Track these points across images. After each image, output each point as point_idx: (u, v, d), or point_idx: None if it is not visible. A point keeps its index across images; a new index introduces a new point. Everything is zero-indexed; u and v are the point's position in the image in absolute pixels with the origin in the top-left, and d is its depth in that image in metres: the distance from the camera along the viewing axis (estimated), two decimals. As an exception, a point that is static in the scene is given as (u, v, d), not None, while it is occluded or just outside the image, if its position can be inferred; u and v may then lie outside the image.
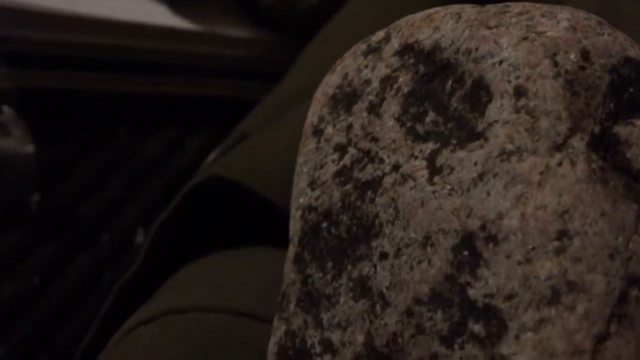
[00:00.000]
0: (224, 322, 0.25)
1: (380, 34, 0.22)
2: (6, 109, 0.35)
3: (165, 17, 0.47)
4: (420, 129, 0.19)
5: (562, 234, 0.15)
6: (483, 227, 0.16)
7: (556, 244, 0.15)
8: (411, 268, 0.17)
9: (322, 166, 0.22)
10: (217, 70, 0.51)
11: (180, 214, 0.28)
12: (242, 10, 0.52)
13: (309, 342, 0.20)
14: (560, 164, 0.16)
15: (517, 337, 0.15)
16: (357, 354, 0.18)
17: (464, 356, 0.16)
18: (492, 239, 0.16)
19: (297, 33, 0.51)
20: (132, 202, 0.41)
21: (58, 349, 0.33)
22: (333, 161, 0.21)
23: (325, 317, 0.20)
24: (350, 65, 0.22)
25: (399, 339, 0.17)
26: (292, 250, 0.22)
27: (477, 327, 0.16)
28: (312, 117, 0.23)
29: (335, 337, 0.19)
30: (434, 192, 0.17)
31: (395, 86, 0.20)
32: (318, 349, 0.20)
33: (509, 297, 0.15)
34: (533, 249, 0.15)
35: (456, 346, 0.16)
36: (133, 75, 0.45)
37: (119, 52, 0.44)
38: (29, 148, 0.36)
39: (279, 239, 0.25)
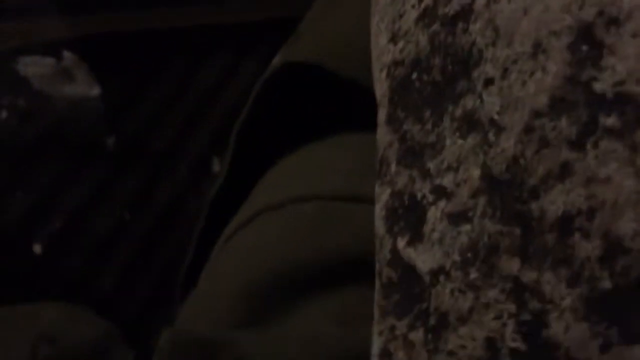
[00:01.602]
0: (320, 209, 0.25)
1: None
2: (67, 54, 0.35)
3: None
4: (507, -62, 0.17)
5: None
6: (601, 13, 0.15)
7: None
8: (523, 83, 0.16)
9: (401, 16, 0.20)
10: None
11: (257, 112, 0.27)
12: None
13: (419, 195, 0.19)
14: None
15: (660, 117, 0.14)
16: (475, 189, 0.17)
17: (600, 154, 0.14)
18: (614, 21, 0.14)
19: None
20: (201, 130, 0.41)
21: (156, 272, 0.34)
22: (413, 6, 0.20)
23: (432, 165, 0.19)
24: None
25: (521, 160, 0.16)
26: (382, 112, 0.21)
27: (610, 120, 0.14)
28: (381, -28, 0.22)
29: (447, 180, 0.18)
30: (536, -5, 0.16)
31: None
32: (430, 198, 0.19)
33: (645, 77, 0.14)
34: (665, 18, 0.14)
35: (589, 146, 0.15)
36: (177, 9, 0.45)
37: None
38: (96, 90, 0.36)
39: (365, 121, 0.24)
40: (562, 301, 0.15)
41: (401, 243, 0.20)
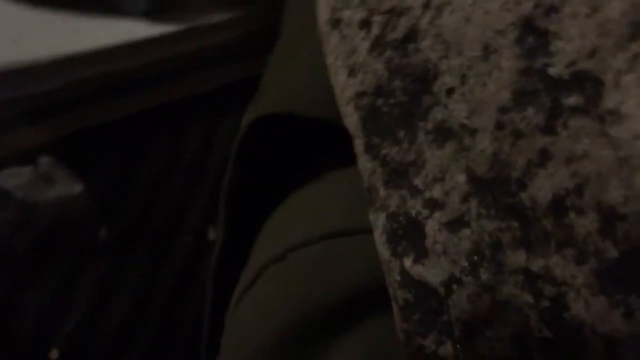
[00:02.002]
0: (324, 249, 0.25)
1: None
2: (43, 159, 0.35)
3: (147, 28, 0.47)
4: (434, -44, 0.18)
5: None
6: (537, 4, 0.15)
7: (617, -20, 0.14)
8: (483, 85, 0.17)
9: (354, 51, 0.21)
10: (217, 58, 0.51)
11: (240, 171, 0.28)
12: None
13: (414, 212, 0.20)
14: None
15: (616, 85, 0.14)
16: (465, 193, 0.18)
17: (571, 133, 0.15)
18: (552, 8, 0.15)
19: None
20: (192, 203, 0.41)
21: (176, 353, 0.34)
22: (363, 39, 0.21)
23: (418, 181, 0.19)
24: (340, -56, 0.22)
25: (501, 155, 0.17)
26: (359, 142, 0.22)
27: (572, 99, 0.15)
28: (324, 16, 0.23)
29: (436, 192, 0.19)
30: (474, 2, 0.17)
31: None
32: (425, 212, 0.19)
33: (592, 53, 0.15)
34: (597, -5, 0.15)
35: (559, 128, 0.15)
36: (142, 92, 0.46)
37: (123, 76, 0.45)
38: (78, 187, 0.36)
39: (345, 157, 0.24)
40: (575, 280, 0.15)
41: (408, 262, 0.20)
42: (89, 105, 0.41)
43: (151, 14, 0.48)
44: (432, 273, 0.19)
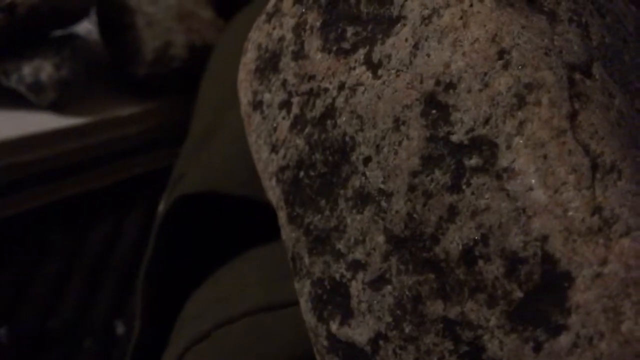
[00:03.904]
0: (248, 325, 0.25)
1: (272, 1, 0.24)
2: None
3: (54, 121, 0.47)
4: (346, 45, 0.21)
5: (502, 52, 0.17)
6: (438, 82, 0.18)
7: (500, 62, 0.17)
8: (395, 153, 0.19)
9: (275, 129, 0.23)
10: (123, 153, 0.51)
11: (159, 254, 0.28)
12: (120, 87, 0.53)
13: (338, 276, 0.21)
14: (471, 4, 0.18)
15: (508, 147, 0.17)
16: (385, 253, 0.19)
17: (475, 190, 0.17)
18: (450, 85, 0.18)
19: (180, 89, 0.53)
20: (97, 299, 0.40)
21: None
22: (283, 118, 0.23)
23: (341, 245, 0.21)
24: (259, 36, 0.24)
25: (415, 215, 0.18)
26: (282, 214, 0.23)
27: (473, 161, 0.17)
28: (245, 98, 0.24)
29: (358, 254, 0.20)
30: (383, 82, 0.19)
31: (308, 27, 0.22)
32: (348, 274, 0.20)
33: (487, 120, 0.17)
34: (485, 74, 0.17)
35: (464, 186, 0.17)
36: (46, 185, 0.45)
37: (19, 170, 0.44)
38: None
39: (268, 232, 0.25)
40: (488, 323, 0.17)
41: (334, 326, 0.21)
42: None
43: (58, 107, 0.48)
44: (359, 332, 0.20)
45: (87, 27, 0.58)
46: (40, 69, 0.46)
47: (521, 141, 0.17)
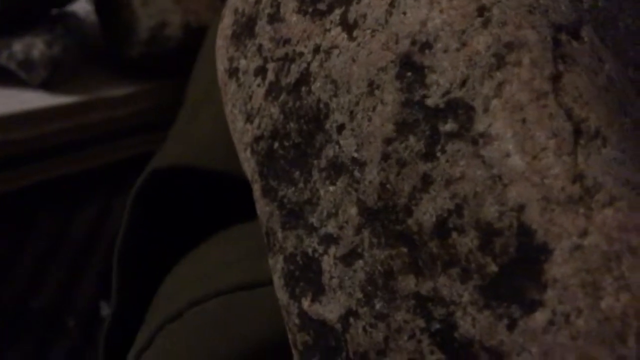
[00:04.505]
0: (220, 305, 0.24)
1: (251, -36, 0.23)
2: None
3: (45, 99, 0.46)
4: (322, 6, 0.19)
5: (482, 9, 0.16)
6: (413, 42, 0.17)
7: (480, 19, 0.16)
8: (369, 119, 0.18)
9: (250, 97, 0.22)
10: (114, 133, 0.50)
11: (134, 231, 0.27)
12: (114, 68, 0.52)
13: (310, 251, 0.20)
14: (451, -40, 0.17)
15: (485, 110, 0.16)
16: (358, 226, 0.18)
17: (449, 157, 0.16)
18: (426, 45, 0.17)
19: (174, 71, 0.52)
20: (82, 281, 0.39)
21: None
22: (259, 85, 0.22)
23: (314, 219, 0.20)
24: (235, 0, 0.23)
25: (388, 185, 0.17)
26: (257, 188, 0.22)
27: (448, 126, 0.16)
28: (221, 65, 0.23)
29: (330, 227, 0.19)
30: (358, 44, 0.18)
31: (284, -12, 0.21)
32: (320, 249, 0.19)
33: (463, 82, 0.16)
34: (463, 32, 0.16)
35: (438, 153, 0.16)
36: (36, 164, 0.44)
37: (8, 147, 0.43)
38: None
39: (247, 210, 0.25)
40: (461, 299, 0.16)
41: (306, 303, 0.20)
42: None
43: (49, 85, 0.47)
44: (330, 309, 0.19)
45: (85, 8, 0.57)
46: (32, 47, 0.45)
47: (499, 104, 0.15)
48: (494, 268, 0.15)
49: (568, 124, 0.15)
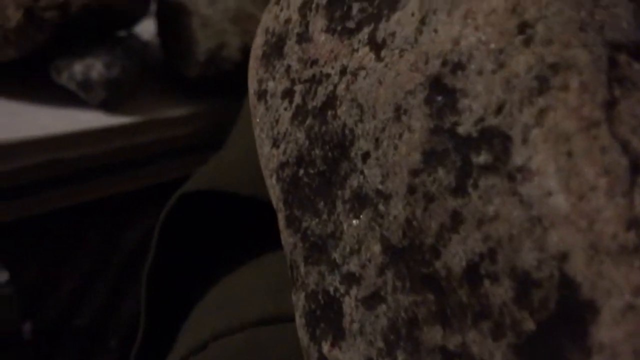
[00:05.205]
0: (246, 339, 0.23)
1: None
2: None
3: (101, 119, 0.47)
4: (351, 24, 0.18)
5: (523, 26, 0.14)
6: (444, 63, 0.15)
7: (521, 37, 0.14)
8: (395, 147, 0.16)
9: (277, 120, 0.21)
10: (169, 153, 0.50)
11: (162, 256, 0.26)
12: (173, 88, 0.53)
13: (332, 290, 0.18)
14: (491, -30, 0.15)
15: (525, 140, 0.13)
16: (381, 265, 0.16)
17: (482, 193, 0.14)
18: (458, 66, 0.15)
19: (232, 92, 0.51)
20: (126, 301, 0.39)
21: None
22: (285, 109, 0.20)
23: (336, 254, 0.18)
24: (267, 19, 0.22)
25: (414, 222, 0.15)
26: (281, 217, 0.20)
27: (482, 158, 0.14)
28: (252, 87, 0.22)
29: (353, 265, 0.17)
30: (386, 65, 0.16)
31: (314, 6, 0.19)
32: (342, 289, 0.18)
33: (500, 108, 0.14)
34: (501, 51, 0.14)
35: (470, 188, 0.14)
36: (87, 183, 0.45)
37: (64, 166, 0.44)
38: (3, 276, 0.34)
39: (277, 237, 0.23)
40: (492, 358, 0.14)
41: (326, 347, 0.18)
42: (30, 194, 0.40)
43: (108, 105, 0.48)
44: (349, 357, 0.17)
45: (152, 30, 0.58)
46: (91, 68, 0.46)
47: (540, 134, 0.13)
48: (530, 325, 0.13)
49: (624, 159, 0.13)
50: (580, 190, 0.13)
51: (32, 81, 0.47)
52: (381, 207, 0.16)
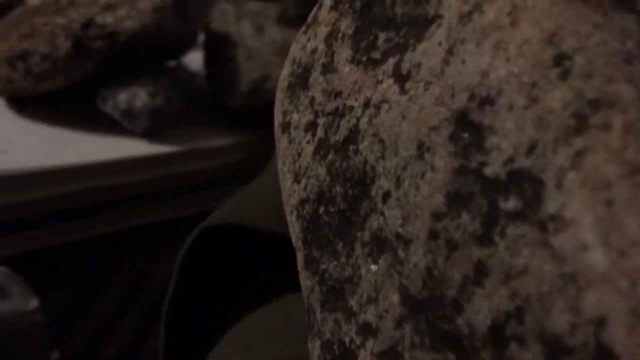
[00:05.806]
0: None
1: (313, 10, 0.21)
2: (1, 269, 0.33)
3: (143, 148, 0.47)
4: (376, 54, 0.17)
5: (560, 57, 0.13)
6: (472, 97, 0.14)
7: (557, 70, 0.13)
8: (417, 187, 0.15)
9: (299, 155, 0.19)
10: (209, 183, 0.50)
11: (183, 292, 0.25)
12: (217, 119, 0.53)
13: (347, 340, 0.17)
14: (526, -3, 0.14)
15: (559, 186, 0.12)
16: (398, 317, 0.15)
17: (510, 244, 0.12)
18: (486, 100, 0.13)
19: (273, 123, 0.51)
20: (155, 333, 0.38)
21: None
22: (308, 142, 0.19)
23: (353, 301, 0.16)
24: (294, 49, 0.21)
25: (435, 271, 0.14)
26: (300, 257, 0.19)
27: (510, 203, 0.13)
28: (277, 119, 0.21)
29: (370, 315, 0.16)
30: (410, 98, 0.15)
31: (340, 35, 0.18)
32: (358, 340, 0.16)
33: (531, 149, 0.12)
34: (534, 85, 0.13)
35: (497, 237, 0.13)
36: (125, 211, 0.45)
37: (104, 193, 0.44)
38: (33, 303, 0.34)
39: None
40: None
41: (339, 403, 0.17)
42: (67, 221, 0.40)
43: (152, 134, 0.48)
44: (363, 417, 0.16)
45: (200, 59, 0.59)
46: (136, 97, 0.47)
47: (577, 179, 0.12)
48: (562, 399, 0.11)
49: (674, 210, 0.11)
50: (621, 245, 0.11)
51: (79, 109, 0.48)
52: (401, 253, 0.15)
